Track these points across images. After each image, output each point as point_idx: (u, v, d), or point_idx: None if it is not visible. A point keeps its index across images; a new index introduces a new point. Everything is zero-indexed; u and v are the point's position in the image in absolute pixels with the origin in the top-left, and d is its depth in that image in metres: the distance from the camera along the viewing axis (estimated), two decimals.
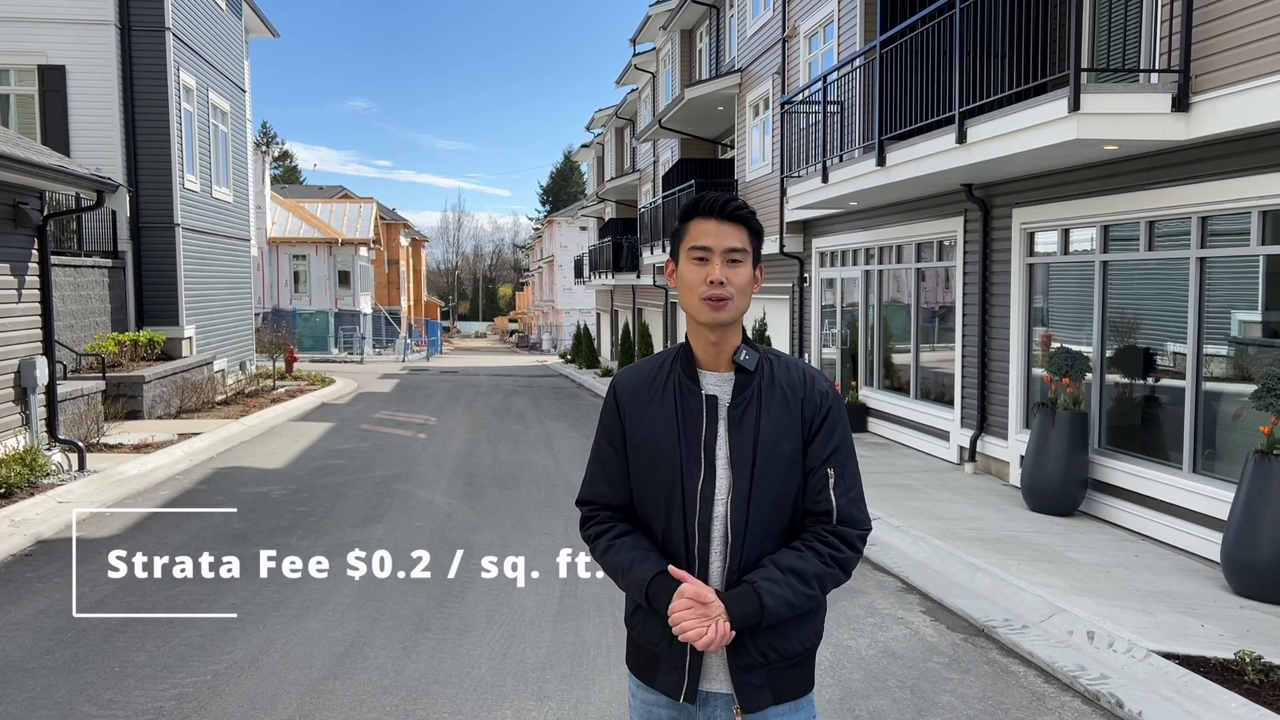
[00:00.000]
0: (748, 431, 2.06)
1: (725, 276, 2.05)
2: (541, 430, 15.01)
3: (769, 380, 2.11)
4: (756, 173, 17.26)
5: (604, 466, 2.21)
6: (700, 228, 2.09)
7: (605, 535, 2.18)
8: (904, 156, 9.59)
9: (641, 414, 2.15)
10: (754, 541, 2.06)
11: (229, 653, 5.12)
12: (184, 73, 17.10)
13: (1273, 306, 6.78)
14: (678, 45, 23.88)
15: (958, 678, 4.78)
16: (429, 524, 8.29)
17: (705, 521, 2.06)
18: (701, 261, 2.07)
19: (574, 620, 5.68)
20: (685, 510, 2.07)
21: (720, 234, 2.06)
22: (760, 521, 2.06)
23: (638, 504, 2.18)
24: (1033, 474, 8.46)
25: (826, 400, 2.12)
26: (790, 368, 2.15)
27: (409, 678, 4.79)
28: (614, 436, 2.19)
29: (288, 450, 12.49)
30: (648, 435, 2.12)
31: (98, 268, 15.49)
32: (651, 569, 2.06)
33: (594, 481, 2.23)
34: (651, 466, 2.11)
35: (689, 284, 2.08)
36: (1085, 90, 6.80)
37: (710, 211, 2.08)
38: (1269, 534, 5.91)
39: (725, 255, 2.06)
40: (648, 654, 2.17)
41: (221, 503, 9.12)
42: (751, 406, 2.08)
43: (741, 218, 2.08)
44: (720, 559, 2.07)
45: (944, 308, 11.54)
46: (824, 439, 2.10)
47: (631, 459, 2.16)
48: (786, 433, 2.07)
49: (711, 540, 2.07)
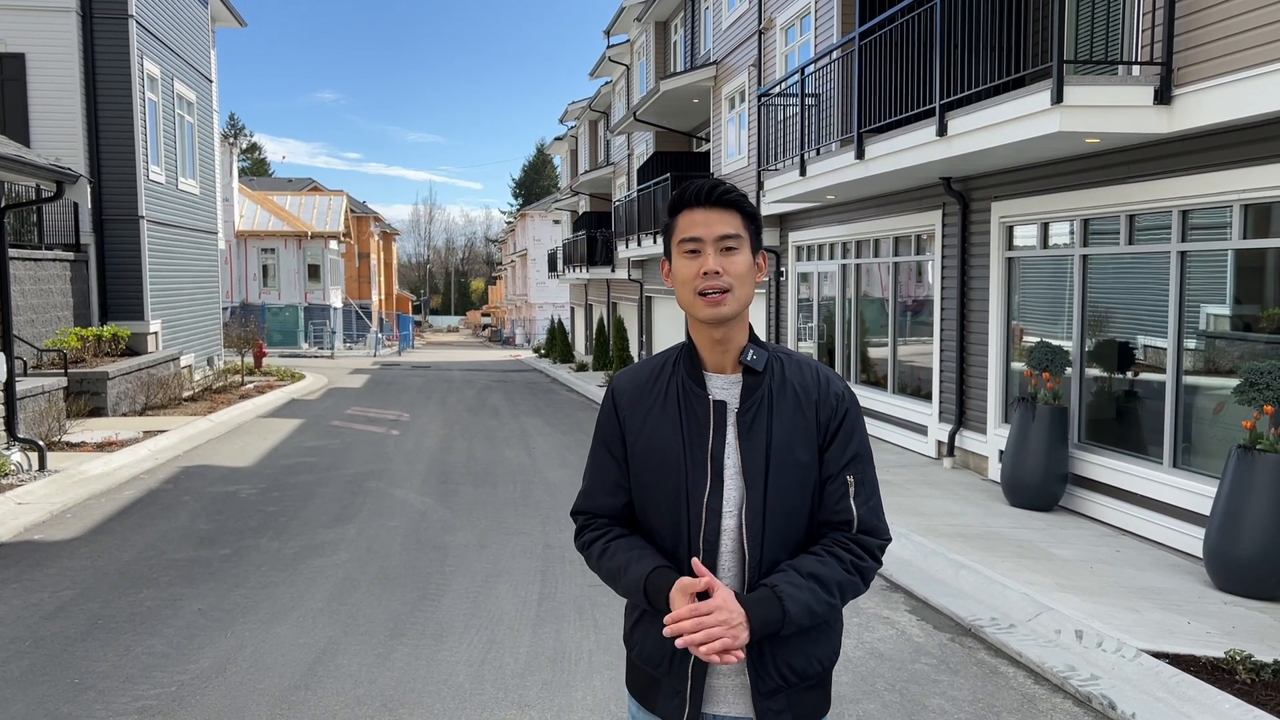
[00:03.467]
0: (759, 438, 1.91)
1: (721, 266, 1.89)
2: (517, 426, 14.83)
3: (780, 382, 1.96)
4: (732, 166, 17.15)
5: (603, 476, 2.05)
6: (688, 219, 1.93)
7: (600, 539, 2.03)
8: (883, 150, 9.50)
9: (643, 421, 1.99)
10: (771, 555, 1.91)
11: (195, 661, 4.92)
12: (148, 61, 16.70)
13: (1253, 300, 6.76)
14: (652, 37, 23.71)
15: (947, 680, 4.69)
16: (403, 524, 8.10)
17: (712, 536, 1.91)
18: (694, 254, 1.91)
19: (553, 623, 5.54)
20: (690, 523, 1.92)
21: (710, 222, 1.91)
22: (776, 534, 1.92)
23: (640, 517, 2.03)
24: (1013, 469, 8.42)
25: (844, 403, 1.97)
26: (803, 368, 2.00)
27: (383, 686, 4.63)
28: (613, 444, 2.04)
29: (257, 448, 12.23)
30: (650, 444, 1.97)
31: (59, 261, 15.10)
32: (649, 564, 1.91)
33: (592, 492, 2.08)
34: (655, 477, 1.96)
35: (683, 279, 1.93)
36: (1068, 82, 6.74)
37: (697, 200, 1.93)
38: (1252, 529, 5.88)
39: (718, 244, 1.90)
40: (647, 676, 2.03)
41: (188, 503, 8.87)
42: (762, 411, 1.92)
43: (731, 201, 1.92)
44: (733, 575, 1.93)
45: (921, 302, 11.50)
46: (842, 444, 1.96)
47: (633, 469, 2.01)
48: (801, 438, 1.93)
49: (719, 555, 1.92)
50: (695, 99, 19.39)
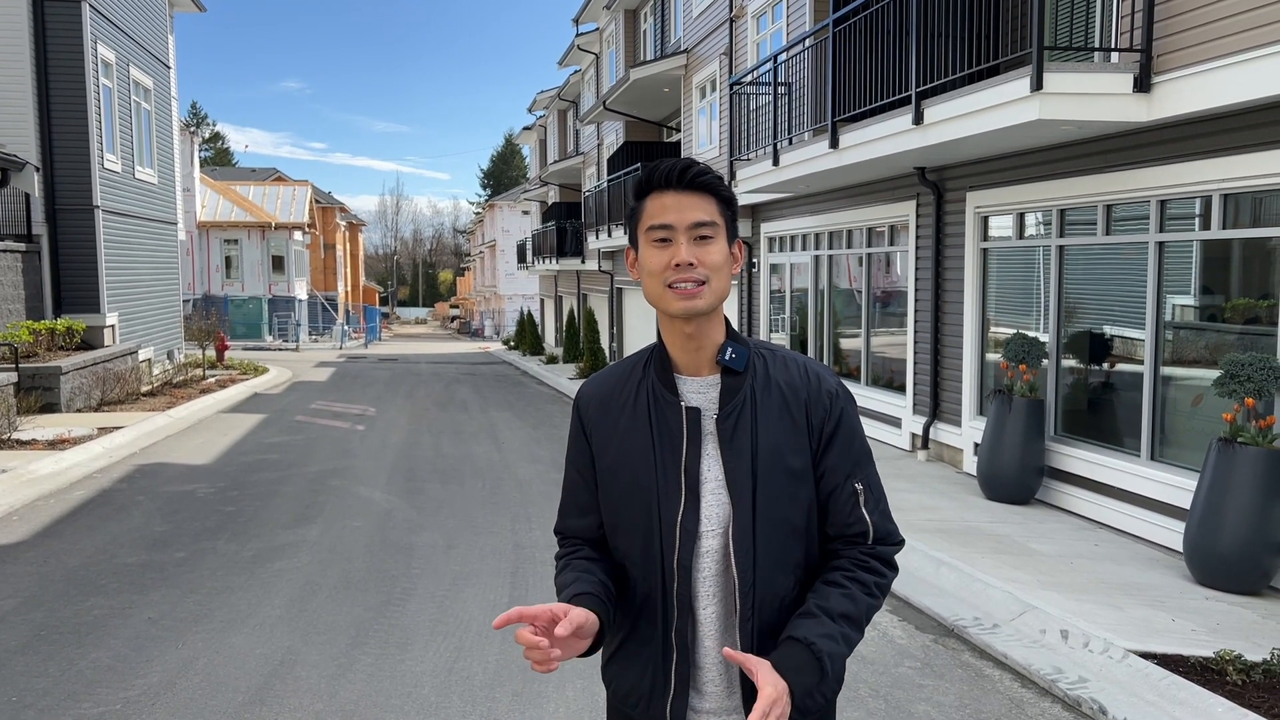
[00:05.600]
0: (743, 447, 1.70)
1: (694, 256, 1.66)
2: (485, 420, 14.57)
3: (764, 382, 1.74)
4: (704, 155, 16.95)
5: (573, 497, 1.87)
6: (658, 203, 1.70)
7: (564, 557, 1.85)
8: (858, 139, 9.35)
9: (610, 433, 1.78)
10: (766, 577, 1.69)
11: (143, 676, 4.65)
12: (102, 46, 16.16)
13: (1230, 291, 6.67)
14: (621, 25, 23.42)
15: (932, 684, 4.54)
16: (368, 524, 7.84)
17: (687, 560, 1.69)
18: (664, 243, 1.68)
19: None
20: (664, 547, 1.71)
21: (682, 207, 1.68)
22: (770, 553, 1.70)
23: (611, 541, 1.82)
24: (990, 462, 8.32)
25: (838, 401, 1.78)
26: (789, 364, 1.79)
27: (345, 700, 4.39)
28: (581, 463, 1.84)
29: (216, 444, 11.88)
30: (619, 460, 1.76)
31: (10, 252, 14.58)
32: (573, 591, 1.69)
33: (564, 513, 1.90)
34: (623, 498, 1.75)
35: (651, 271, 1.70)
36: (1048, 69, 6.60)
37: (667, 182, 1.69)
38: (1233, 523, 5.79)
39: (691, 232, 1.67)
40: (626, 718, 1.82)
41: (142, 503, 8.54)
42: (745, 416, 1.71)
43: (706, 184, 1.69)
44: (717, 602, 1.71)
45: (894, 293, 11.38)
46: (842, 448, 1.76)
47: (602, 488, 1.80)
48: (790, 444, 1.72)
49: (695, 582, 1.71)
50: (666, 88, 19.15)
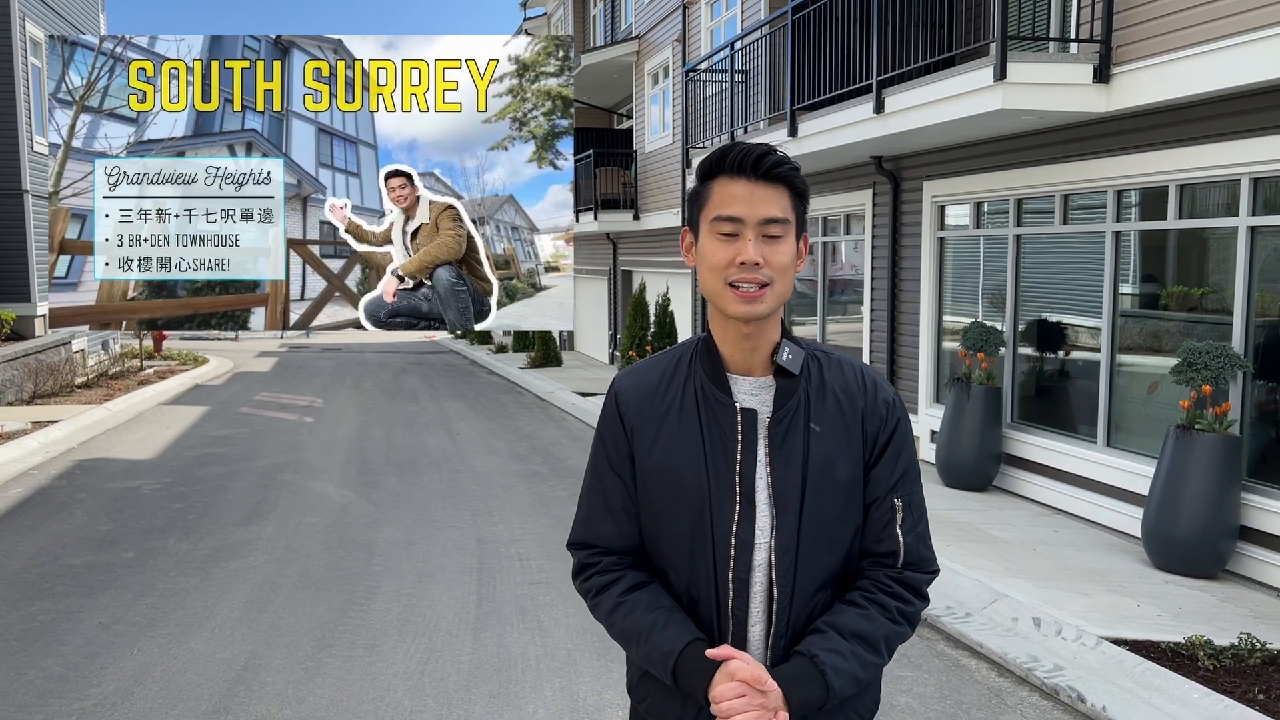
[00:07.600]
0: (794, 454, 1.59)
1: (762, 256, 1.55)
2: (438, 411, 14.33)
3: (818, 386, 1.65)
4: (656, 143, 16.85)
5: (607, 500, 1.71)
6: (727, 190, 1.57)
7: (612, 589, 1.68)
8: (817, 127, 9.33)
9: (655, 433, 1.65)
10: (803, 595, 1.61)
11: (96, 685, 4.44)
12: (30, 23, 15.48)
13: (1187, 280, 6.80)
14: (570, 10, 23.15)
15: (911, 675, 4.54)
16: (323, 519, 7.63)
17: (743, 572, 1.59)
18: (730, 237, 1.57)
19: (495, 628, 5.21)
20: (716, 558, 1.60)
21: (754, 199, 1.55)
22: (811, 570, 1.60)
23: (651, 549, 1.70)
24: (948, 449, 8.40)
25: (894, 411, 1.67)
26: (845, 369, 1.69)
27: (314, 706, 4.24)
28: (619, 462, 1.69)
29: (159, 438, 11.49)
30: (665, 462, 1.64)
31: None
32: (680, 637, 1.58)
33: (593, 519, 1.73)
34: (670, 503, 1.63)
35: (713, 264, 1.58)
36: (1010, 59, 6.64)
37: (740, 169, 1.56)
38: (1190, 508, 5.91)
39: (761, 228, 1.56)
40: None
41: (85, 501, 8.21)
42: (798, 421, 1.61)
43: (782, 176, 1.57)
44: (762, 620, 1.62)
45: (851, 282, 11.43)
46: (890, 461, 1.65)
47: (643, 492, 1.68)
48: (843, 454, 1.62)
49: (751, 596, 1.61)
50: (616, 74, 18.98)
